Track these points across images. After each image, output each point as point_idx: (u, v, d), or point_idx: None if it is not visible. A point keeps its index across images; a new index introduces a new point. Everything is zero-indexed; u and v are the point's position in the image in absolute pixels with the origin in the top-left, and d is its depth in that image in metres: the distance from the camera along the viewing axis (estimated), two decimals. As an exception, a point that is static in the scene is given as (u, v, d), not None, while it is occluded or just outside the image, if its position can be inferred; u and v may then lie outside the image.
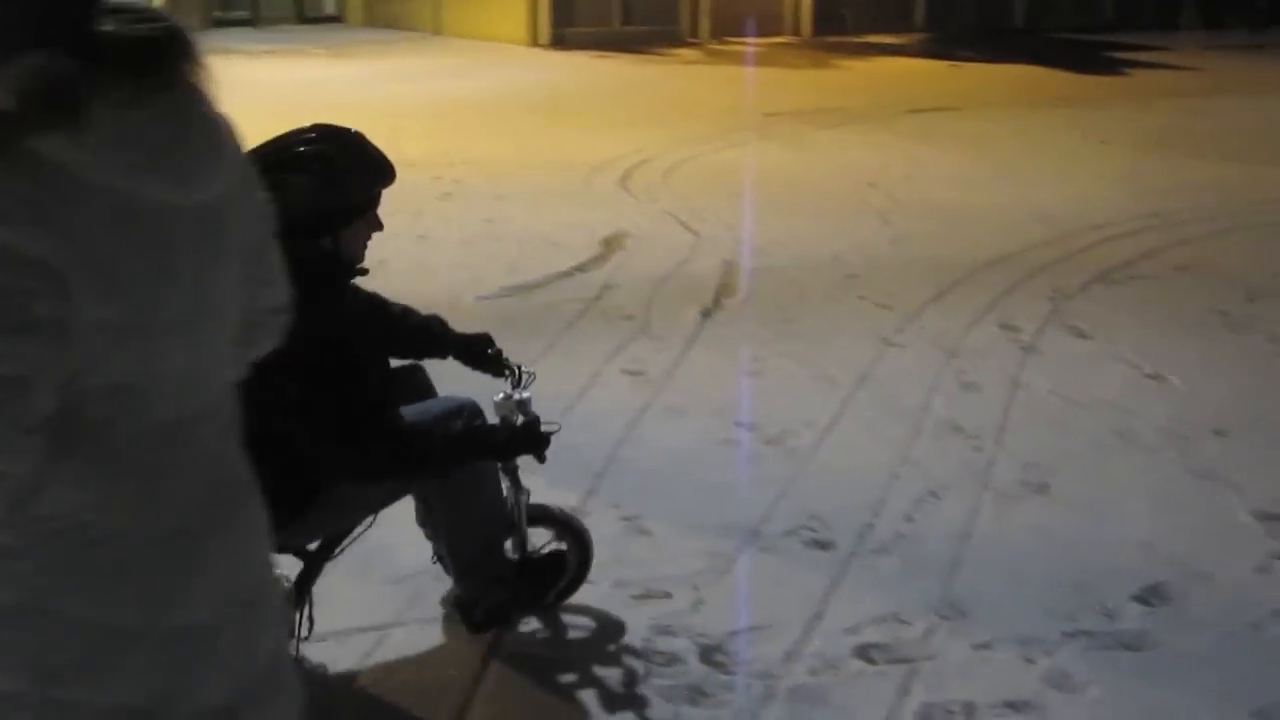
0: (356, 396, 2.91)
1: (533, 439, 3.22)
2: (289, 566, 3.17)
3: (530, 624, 3.60)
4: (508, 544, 3.52)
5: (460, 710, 3.24)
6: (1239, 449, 4.94)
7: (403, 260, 7.45)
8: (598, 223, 8.44)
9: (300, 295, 2.68)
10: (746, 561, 3.98)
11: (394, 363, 3.40)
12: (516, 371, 3.48)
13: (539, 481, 4.23)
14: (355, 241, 3.03)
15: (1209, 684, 3.39)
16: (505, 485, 3.45)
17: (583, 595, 3.70)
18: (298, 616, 3.23)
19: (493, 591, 3.46)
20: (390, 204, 3.10)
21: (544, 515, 3.67)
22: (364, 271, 3.08)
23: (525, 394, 3.38)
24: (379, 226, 3.07)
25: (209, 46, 1.65)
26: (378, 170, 3.01)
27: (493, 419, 3.36)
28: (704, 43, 21.32)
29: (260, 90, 12.71)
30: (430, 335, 3.55)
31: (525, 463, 3.36)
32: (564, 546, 3.67)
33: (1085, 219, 8.66)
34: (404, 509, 3.43)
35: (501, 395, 3.38)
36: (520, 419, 3.29)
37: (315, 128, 3.01)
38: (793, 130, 12.49)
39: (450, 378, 3.60)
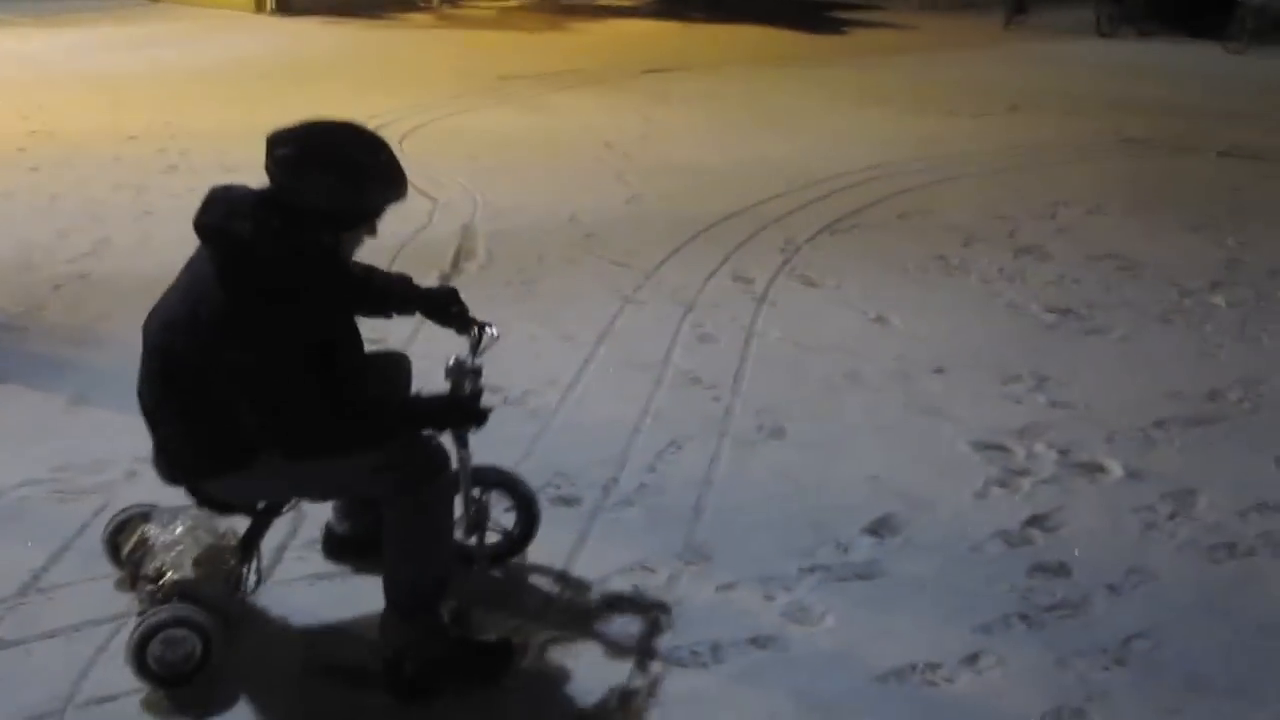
0: (311, 384, 2.93)
1: (469, 412, 3.22)
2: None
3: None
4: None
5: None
6: (957, 385, 5.23)
7: (126, 238, 7.14)
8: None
9: (293, 284, 2.86)
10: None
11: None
12: (478, 332, 3.43)
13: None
14: (353, 243, 3.12)
15: (936, 605, 3.59)
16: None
17: (329, 577, 3.64)
18: (244, 571, 3.26)
19: (427, 646, 3.19)
20: (111, 179, 2.99)
21: (490, 477, 3.60)
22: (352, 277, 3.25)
23: (479, 361, 3.35)
24: (375, 234, 3.12)
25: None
26: (397, 185, 3.07)
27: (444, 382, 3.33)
28: (437, 7, 20.99)
29: (-41, 62, 11.90)
30: (395, 292, 3.53)
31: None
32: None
33: (813, 172, 8.96)
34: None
35: (454, 360, 3.33)
36: (468, 387, 3.27)
37: (349, 125, 3.10)
38: (528, 93, 12.47)
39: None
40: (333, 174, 2.96)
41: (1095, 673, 3.29)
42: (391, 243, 7.04)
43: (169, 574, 3.17)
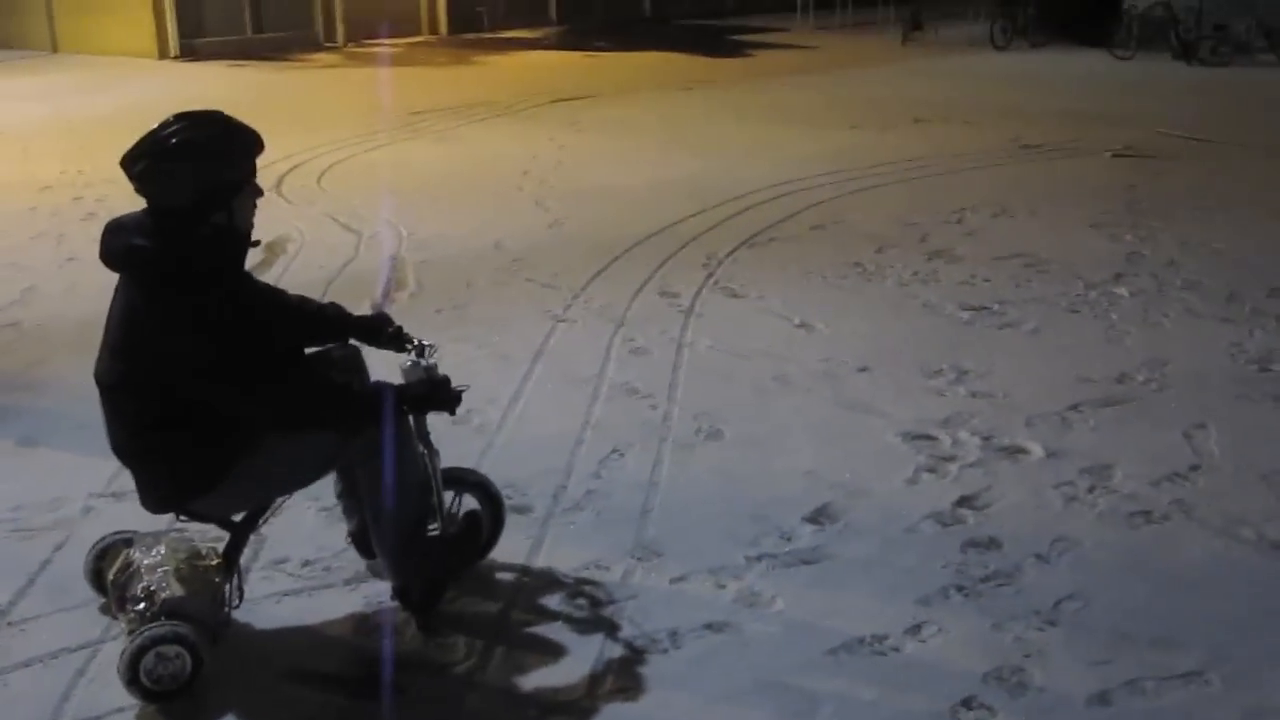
0: (267, 347, 3.22)
1: (444, 396, 3.42)
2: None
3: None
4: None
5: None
6: (881, 381, 5.46)
7: (52, 285, 7.16)
8: (257, 230, 8.30)
9: (206, 269, 3.05)
10: (450, 533, 4.11)
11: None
12: (418, 344, 3.62)
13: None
14: (245, 212, 3.25)
15: (878, 583, 3.79)
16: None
17: (300, 595, 3.75)
18: (228, 588, 3.39)
19: (423, 569, 3.54)
20: (31, 228, 3.14)
21: (456, 478, 3.79)
22: (256, 243, 3.33)
23: (432, 360, 3.54)
24: (260, 193, 3.30)
25: None
26: (249, 141, 3.23)
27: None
28: (342, 46, 21.07)
29: None
30: (329, 319, 3.67)
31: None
32: (475, 506, 3.81)
33: (727, 190, 9.21)
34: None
35: (409, 363, 3.53)
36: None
37: (177, 117, 3.22)
38: (440, 126, 12.62)
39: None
40: (187, 162, 3.14)
41: (1030, 633, 3.50)
42: (320, 276, 7.16)
43: (157, 593, 3.27)
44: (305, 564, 3.91)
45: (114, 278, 3.30)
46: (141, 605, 3.27)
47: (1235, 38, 17.92)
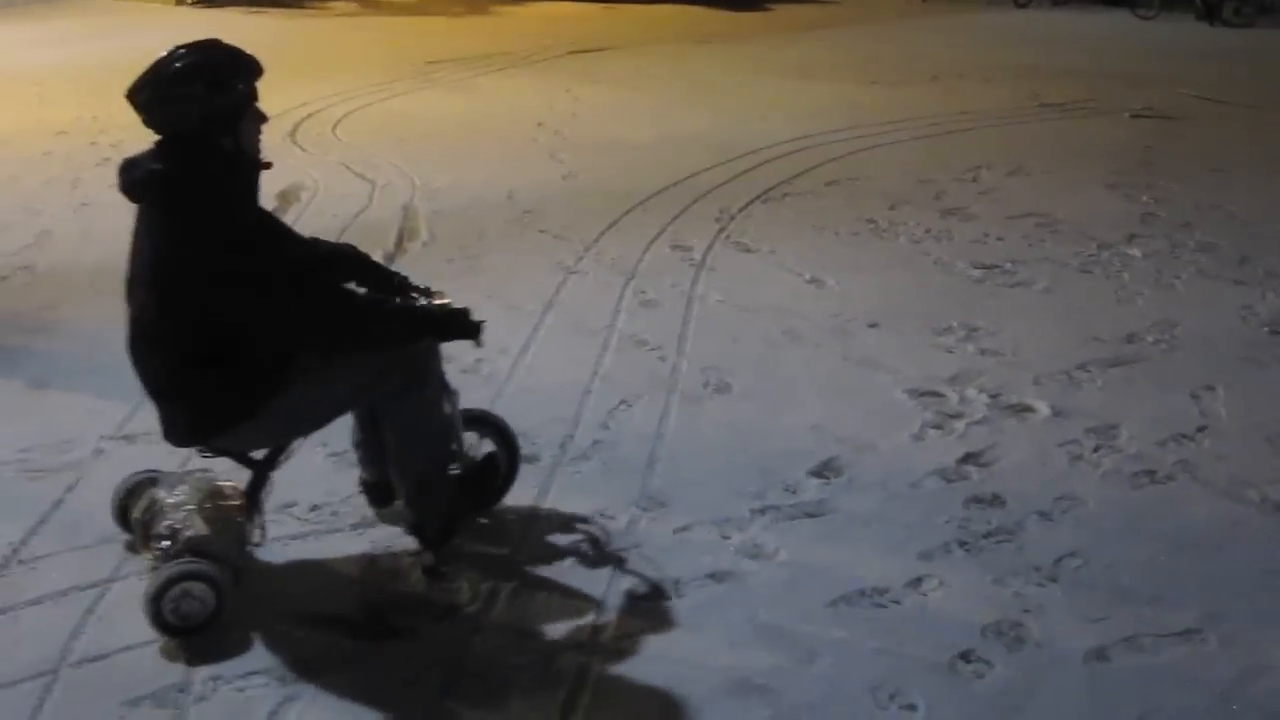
0: (296, 260, 3.37)
1: (467, 324, 3.50)
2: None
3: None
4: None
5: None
6: (890, 338, 5.47)
7: (66, 229, 7.20)
8: (271, 178, 8.25)
9: (220, 191, 3.17)
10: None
11: None
12: (424, 288, 3.71)
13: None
14: (250, 136, 3.34)
15: (881, 537, 3.82)
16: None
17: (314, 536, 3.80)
18: (250, 526, 3.47)
19: (441, 506, 3.64)
20: (46, 173, 3.16)
21: (474, 419, 3.88)
22: (268, 165, 3.41)
23: (446, 299, 3.61)
24: (264, 118, 3.39)
25: None
26: (248, 65, 3.32)
27: None
28: (358, -6, 20.93)
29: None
30: (345, 258, 3.76)
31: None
32: (491, 448, 3.89)
33: (743, 145, 9.17)
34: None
35: (423, 301, 3.61)
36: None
37: (179, 47, 3.28)
38: (457, 77, 12.57)
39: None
40: (188, 86, 3.22)
41: (1030, 589, 3.53)
42: (334, 224, 7.17)
43: (181, 531, 3.33)
44: (314, 508, 3.96)
45: (128, 221, 3.32)
46: (166, 543, 3.34)
47: (1260, -1, 17.71)
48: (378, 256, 6.52)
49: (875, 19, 17.37)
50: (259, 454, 3.50)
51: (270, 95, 3.55)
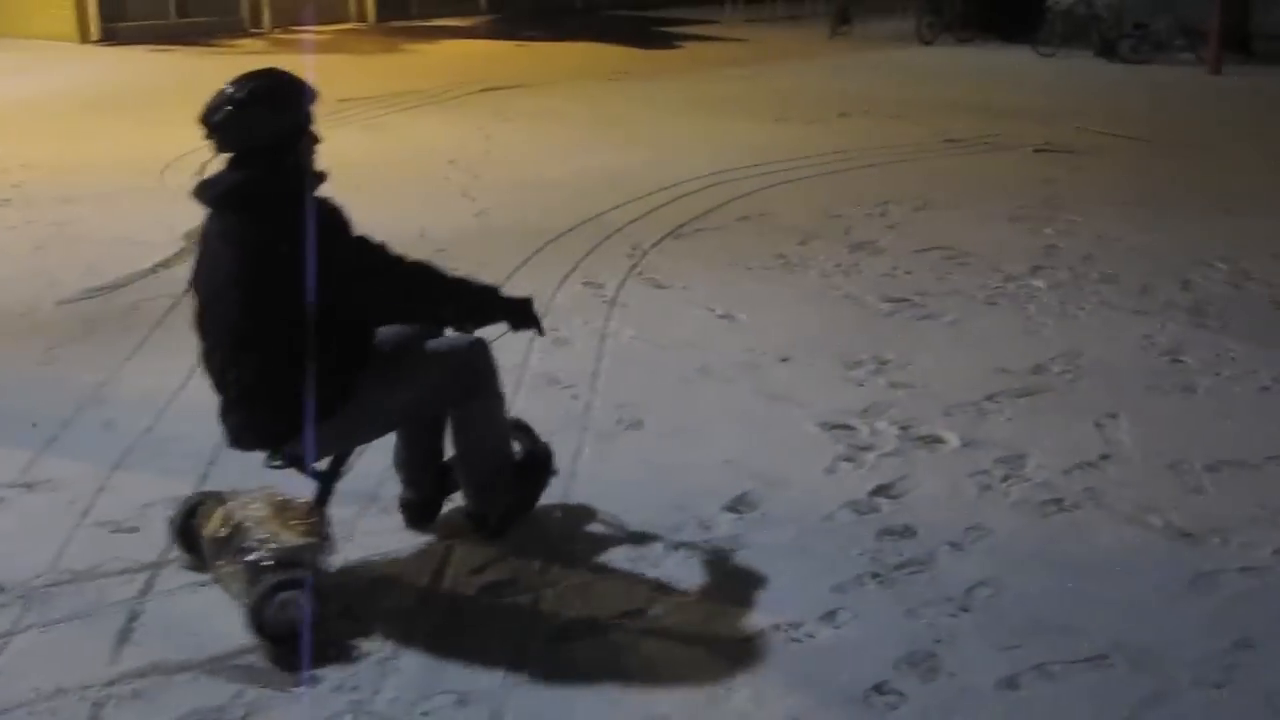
0: (379, 246, 3.57)
1: (531, 314, 3.78)
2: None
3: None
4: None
5: None
6: (802, 372, 5.51)
7: (-35, 271, 7.02)
8: (177, 218, 8.16)
9: (301, 191, 3.37)
10: (370, 524, 4.09)
11: None
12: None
13: (143, 476, 4.23)
14: (309, 155, 3.58)
15: (794, 570, 3.83)
16: None
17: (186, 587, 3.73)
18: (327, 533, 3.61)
19: (503, 499, 3.94)
20: None
21: (515, 427, 4.14)
22: (325, 176, 3.58)
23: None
24: (319, 139, 3.62)
25: None
26: (307, 89, 3.58)
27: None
28: (267, 32, 20.84)
29: None
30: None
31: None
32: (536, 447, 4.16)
33: (655, 181, 9.23)
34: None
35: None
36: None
37: (243, 76, 3.55)
38: (368, 115, 12.52)
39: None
40: (262, 106, 3.49)
41: (942, 619, 3.56)
42: (243, 265, 7.07)
43: (269, 542, 3.45)
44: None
45: (19, 268, 3.28)
46: (255, 555, 3.41)
47: (1155, 36, 18.23)
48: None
49: (784, 56, 17.61)
50: (322, 465, 3.67)
51: (178, 135, 3.55)
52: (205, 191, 3.55)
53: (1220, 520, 4.16)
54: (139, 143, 10.89)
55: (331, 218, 3.44)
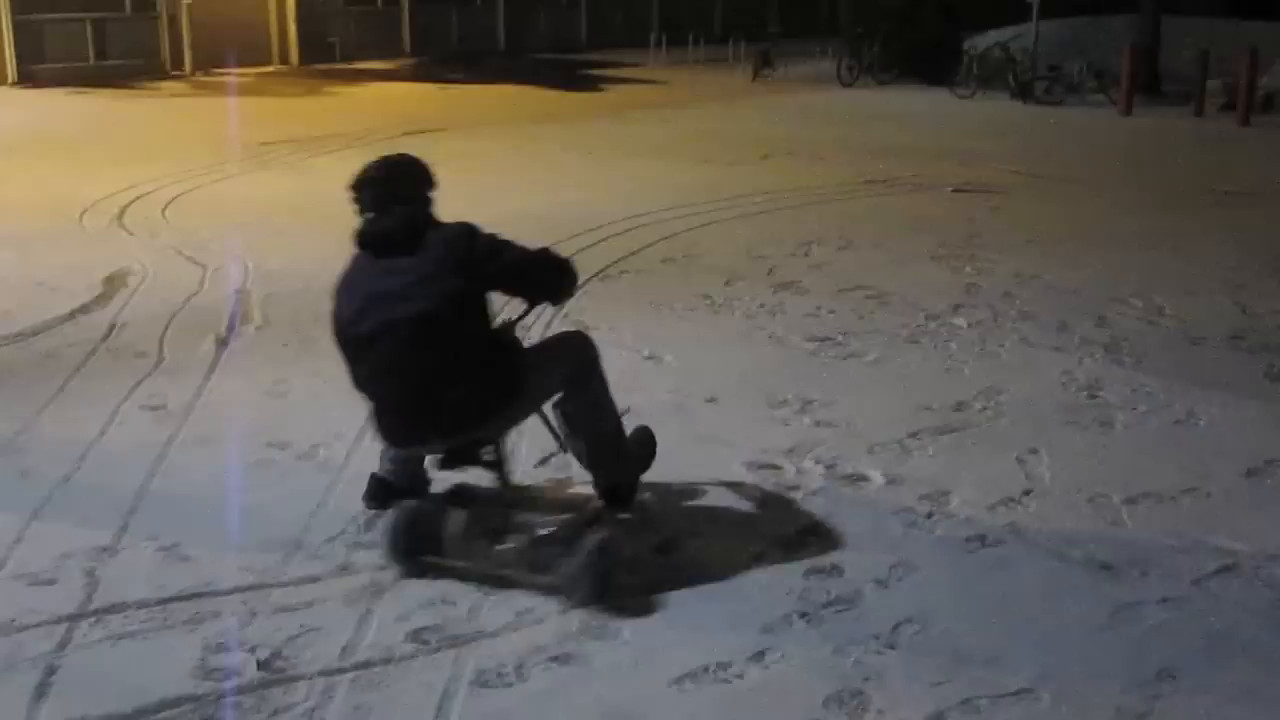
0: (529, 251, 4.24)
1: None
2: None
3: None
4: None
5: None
6: (729, 412, 5.54)
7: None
8: (96, 263, 8.10)
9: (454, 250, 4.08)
10: (295, 570, 4.05)
11: None
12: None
13: (61, 526, 4.16)
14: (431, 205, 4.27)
15: (723, 611, 3.84)
16: None
17: (136, 631, 3.66)
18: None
19: (630, 469, 4.51)
20: None
21: None
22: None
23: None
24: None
25: None
26: (422, 161, 4.38)
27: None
28: (189, 75, 20.69)
29: None
30: None
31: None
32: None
33: (579, 223, 9.27)
34: None
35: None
36: None
37: (388, 157, 4.38)
38: (290, 158, 12.46)
39: None
40: (408, 171, 4.32)
41: (870, 657, 3.58)
42: (163, 309, 7.01)
43: (579, 530, 4.14)
44: (142, 606, 3.81)
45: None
46: (577, 528, 4.17)
47: (1068, 78, 18.68)
48: (209, 342, 6.45)
49: (707, 98, 17.79)
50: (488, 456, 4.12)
51: (96, 179, 3.48)
52: (366, 237, 4.15)
53: (1139, 552, 4.24)
54: (56, 187, 10.73)
55: (472, 229, 4.12)
